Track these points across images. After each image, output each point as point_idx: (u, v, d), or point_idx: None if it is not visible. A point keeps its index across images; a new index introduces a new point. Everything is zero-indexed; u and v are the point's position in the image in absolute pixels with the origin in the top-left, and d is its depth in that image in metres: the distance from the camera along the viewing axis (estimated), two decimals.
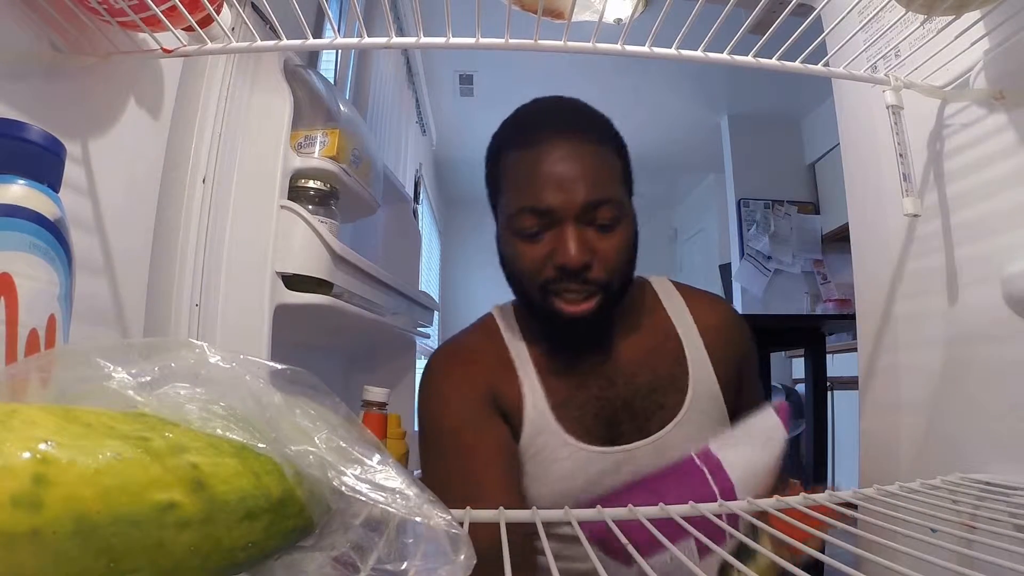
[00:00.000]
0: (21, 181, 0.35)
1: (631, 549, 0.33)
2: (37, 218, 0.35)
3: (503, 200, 0.71)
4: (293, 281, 0.76)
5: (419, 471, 0.74)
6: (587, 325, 0.68)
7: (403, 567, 0.26)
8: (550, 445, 0.69)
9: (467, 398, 0.71)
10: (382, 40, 0.51)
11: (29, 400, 0.24)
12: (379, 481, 0.27)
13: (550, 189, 0.65)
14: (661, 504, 0.43)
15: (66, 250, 0.37)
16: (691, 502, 0.44)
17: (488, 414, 0.70)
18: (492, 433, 0.69)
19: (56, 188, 0.37)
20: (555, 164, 0.66)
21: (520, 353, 0.73)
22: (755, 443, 0.61)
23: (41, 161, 0.36)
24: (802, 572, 0.28)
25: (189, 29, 0.50)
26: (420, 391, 0.75)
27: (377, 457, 0.28)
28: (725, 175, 4.17)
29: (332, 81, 1.62)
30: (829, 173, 3.87)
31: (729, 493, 0.57)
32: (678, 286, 0.82)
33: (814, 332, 2.14)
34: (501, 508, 0.42)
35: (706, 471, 0.59)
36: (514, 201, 0.68)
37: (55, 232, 0.36)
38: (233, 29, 0.55)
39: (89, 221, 0.53)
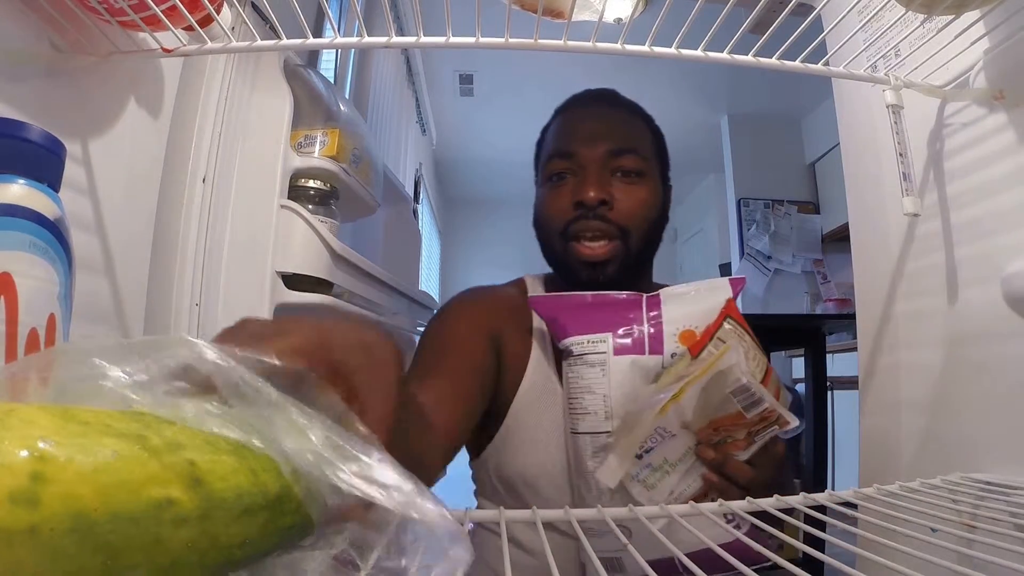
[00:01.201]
0: (21, 181, 0.35)
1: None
2: (37, 217, 0.35)
3: (542, 160, 0.79)
4: (293, 280, 0.76)
5: None
6: (605, 277, 0.71)
7: (403, 564, 0.26)
8: (544, 402, 0.70)
9: (470, 324, 0.72)
10: (382, 40, 0.51)
11: (28, 399, 0.24)
12: (377, 477, 0.27)
13: (577, 137, 0.74)
14: (661, 505, 0.43)
15: (66, 249, 0.37)
16: (691, 503, 0.44)
17: (482, 345, 0.70)
18: (475, 355, 0.69)
19: (56, 188, 0.37)
20: (583, 119, 0.77)
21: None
22: (695, 288, 0.64)
23: (41, 161, 0.36)
24: (802, 572, 0.28)
25: (189, 29, 0.50)
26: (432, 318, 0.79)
27: (375, 454, 0.28)
28: (725, 175, 4.17)
29: (332, 81, 1.62)
30: (829, 173, 3.87)
31: (656, 308, 0.60)
32: None
33: (814, 332, 2.14)
34: (501, 508, 0.42)
35: (644, 298, 0.62)
36: (547, 152, 0.77)
37: (55, 231, 0.36)
38: (233, 29, 0.55)
39: (89, 220, 0.53)
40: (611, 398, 0.57)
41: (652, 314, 0.61)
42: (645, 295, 0.63)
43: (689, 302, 0.62)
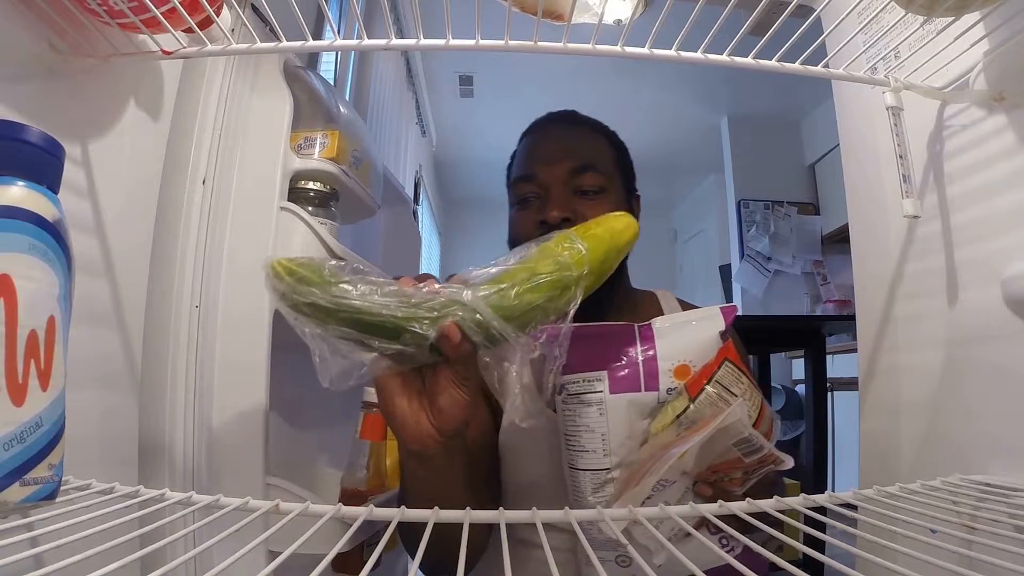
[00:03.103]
0: (20, 183, 0.35)
1: None
2: (36, 219, 0.35)
3: (510, 183, 0.83)
4: None
5: None
6: None
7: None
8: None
9: None
10: (382, 42, 0.51)
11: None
12: None
13: (538, 159, 0.79)
14: (661, 505, 0.43)
15: (65, 251, 0.37)
16: (691, 504, 0.44)
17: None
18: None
19: (55, 189, 0.37)
20: (543, 141, 0.82)
21: None
22: (688, 318, 0.64)
23: (40, 162, 0.36)
24: (802, 573, 0.28)
25: (189, 31, 0.50)
26: None
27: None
28: (725, 176, 4.17)
29: (332, 82, 1.62)
30: (829, 174, 3.87)
31: (650, 341, 0.61)
32: (681, 302, 0.89)
33: (814, 333, 2.14)
34: (501, 509, 0.42)
35: (637, 330, 0.63)
36: (513, 176, 0.82)
37: (54, 233, 0.36)
38: (233, 31, 0.55)
39: (89, 222, 0.53)
40: (610, 437, 0.58)
41: (645, 347, 0.60)
42: (637, 325, 0.63)
43: (682, 334, 0.61)
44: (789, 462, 0.54)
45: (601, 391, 0.59)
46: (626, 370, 0.59)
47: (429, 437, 0.49)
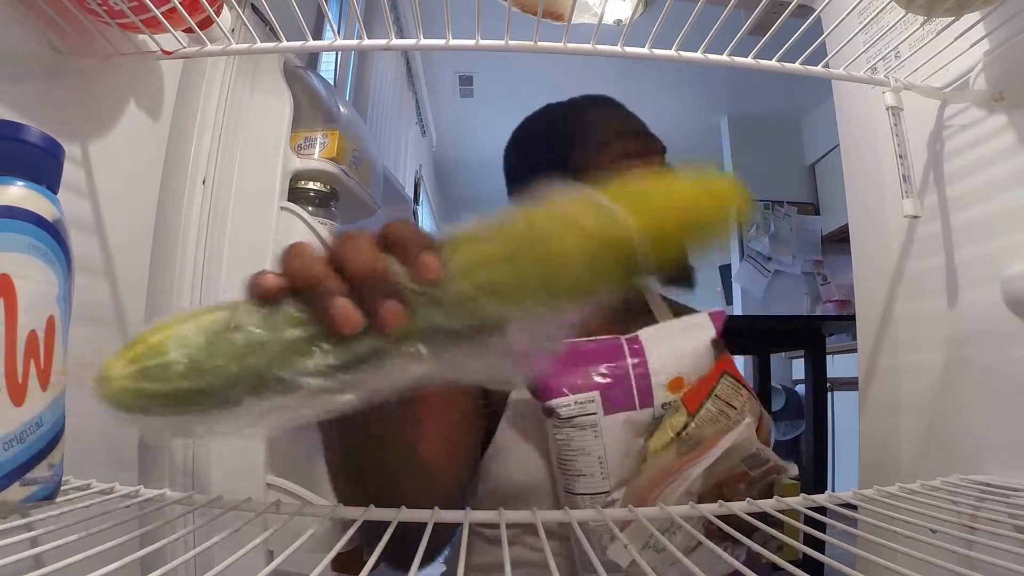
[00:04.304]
0: (20, 182, 0.35)
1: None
2: (36, 219, 0.35)
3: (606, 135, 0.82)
4: None
5: None
6: None
7: None
8: (529, 420, 0.68)
9: None
10: (382, 42, 0.51)
11: None
12: None
13: (629, 132, 0.83)
14: (661, 505, 0.43)
15: (65, 251, 0.37)
16: (691, 504, 0.44)
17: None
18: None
19: (55, 189, 0.37)
20: (628, 119, 0.86)
21: None
22: (676, 327, 0.62)
23: (40, 162, 0.36)
24: (802, 573, 0.28)
25: (189, 31, 0.50)
26: None
27: None
28: None
29: (332, 82, 1.62)
30: (829, 174, 3.87)
31: (640, 355, 0.59)
32: (664, 298, 0.87)
33: (814, 333, 2.14)
34: (501, 509, 0.42)
35: (625, 344, 0.60)
36: (616, 129, 0.82)
37: (54, 233, 0.36)
38: (233, 31, 0.55)
39: (89, 222, 0.53)
40: (607, 459, 0.56)
41: (636, 362, 0.58)
42: (624, 338, 0.61)
43: (673, 346, 0.60)
44: (793, 470, 0.53)
45: (595, 413, 0.56)
46: (618, 388, 0.57)
47: None
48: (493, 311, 0.30)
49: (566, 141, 0.81)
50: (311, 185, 0.82)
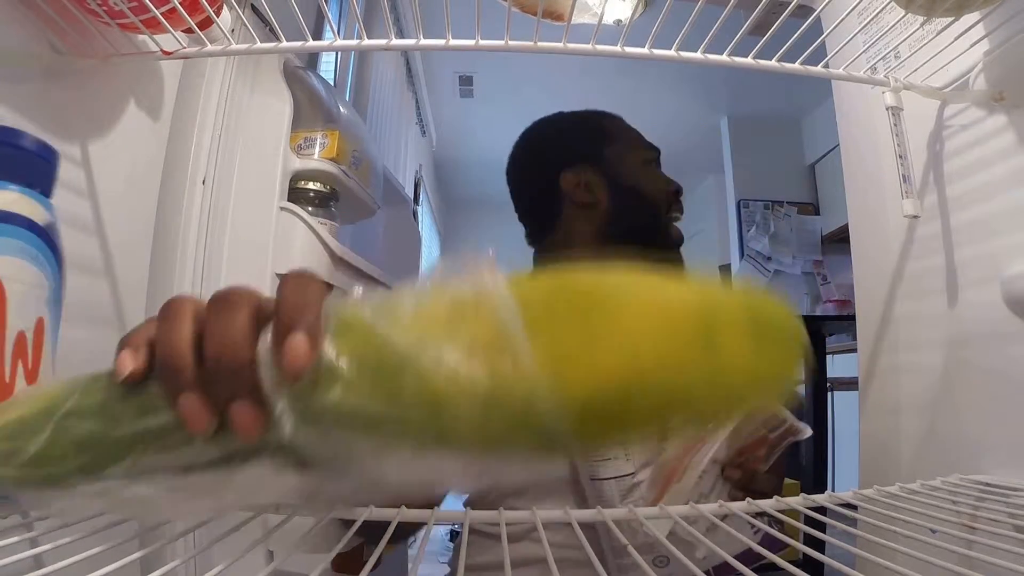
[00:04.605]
0: (12, 187, 0.35)
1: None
2: (28, 224, 0.35)
3: (630, 143, 0.88)
4: None
5: None
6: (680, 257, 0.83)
7: None
8: None
9: None
10: (382, 42, 0.51)
11: None
12: None
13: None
14: (661, 505, 0.43)
15: (56, 254, 0.37)
16: (691, 503, 0.44)
17: None
18: None
19: (48, 194, 0.38)
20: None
21: None
22: None
23: (32, 167, 0.37)
24: (802, 573, 0.28)
25: (189, 31, 0.50)
26: None
27: None
28: (725, 176, 4.17)
29: (332, 83, 1.62)
30: (829, 174, 3.87)
31: None
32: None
33: (814, 333, 2.14)
34: (501, 509, 0.42)
35: None
36: (641, 144, 0.88)
37: (45, 237, 0.36)
38: (233, 31, 0.55)
39: (89, 222, 0.53)
40: None
41: None
42: None
43: None
44: (807, 431, 0.55)
45: None
46: None
47: None
48: (359, 448, 0.21)
49: (601, 136, 0.85)
50: (311, 185, 0.82)
